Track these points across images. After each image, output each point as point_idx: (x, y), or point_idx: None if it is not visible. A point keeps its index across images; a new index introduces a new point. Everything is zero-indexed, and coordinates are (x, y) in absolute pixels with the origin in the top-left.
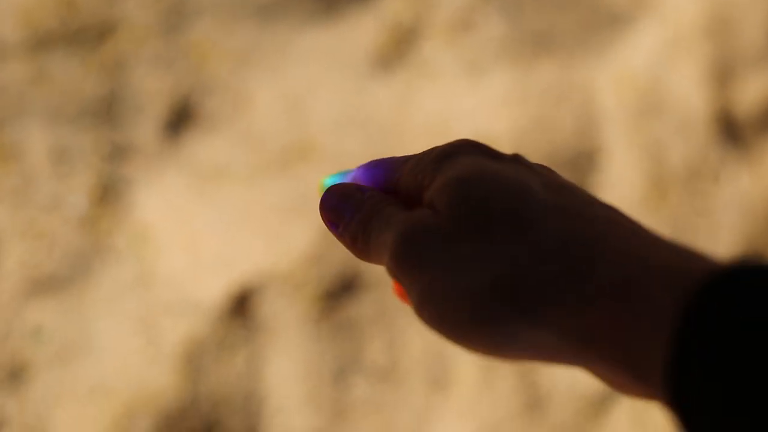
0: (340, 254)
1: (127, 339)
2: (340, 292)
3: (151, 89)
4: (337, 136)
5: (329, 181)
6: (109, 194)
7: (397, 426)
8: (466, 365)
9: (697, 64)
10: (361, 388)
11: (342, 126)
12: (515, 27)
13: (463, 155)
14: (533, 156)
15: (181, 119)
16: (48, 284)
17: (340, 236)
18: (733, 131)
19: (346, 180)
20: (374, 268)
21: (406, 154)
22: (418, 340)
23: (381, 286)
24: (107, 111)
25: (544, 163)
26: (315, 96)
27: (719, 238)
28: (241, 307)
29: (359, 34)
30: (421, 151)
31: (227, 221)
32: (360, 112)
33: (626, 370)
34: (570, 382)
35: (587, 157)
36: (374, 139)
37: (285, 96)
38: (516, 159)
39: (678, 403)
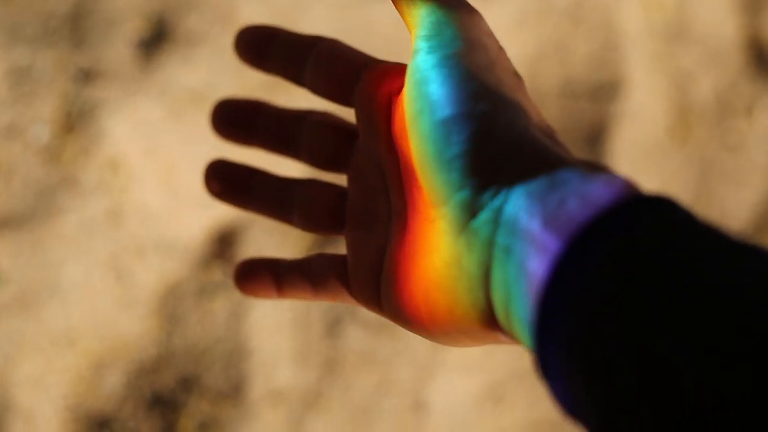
0: None
1: (95, 283)
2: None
3: (123, 4)
4: None
5: None
6: (75, 121)
7: (395, 381)
8: None
9: None
10: (356, 340)
11: None
12: None
13: None
14: (548, 83)
15: (156, 38)
16: (7, 221)
17: None
18: (766, 61)
19: None
20: None
21: None
22: None
23: None
24: (73, 28)
25: (562, 91)
26: (306, 12)
27: (750, 178)
28: (223, 247)
29: None
30: None
31: (208, 152)
32: (357, 33)
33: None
34: None
35: (607, 86)
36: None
37: (272, 12)
38: None
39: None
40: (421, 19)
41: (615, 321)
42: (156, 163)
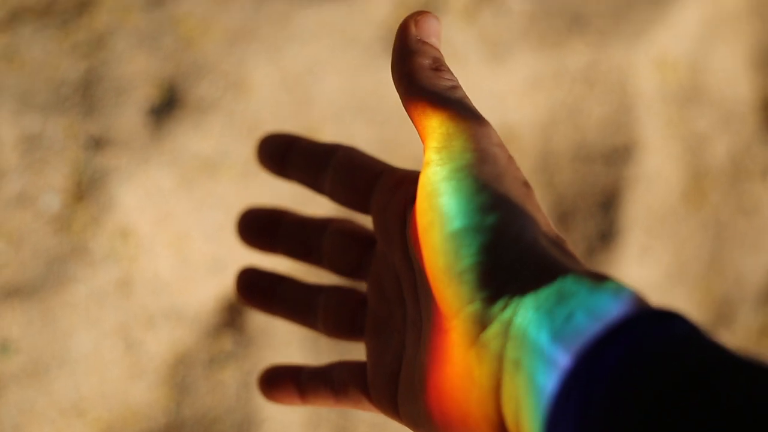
0: None
1: (105, 352)
2: None
3: (134, 70)
4: (343, 123)
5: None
6: (85, 189)
7: None
8: None
9: (742, 47)
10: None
11: (348, 111)
12: (543, 3)
13: None
14: (562, 147)
15: (167, 105)
16: (17, 290)
17: None
18: None
19: None
20: None
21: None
22: None
23: None
24: (84, 95)
25: (575, 155)
26: (318, 78)
27: (765, 241)
28: (233, 316)
29: (369, 10)
30: None
31: (218, 221)
32: (369, 96)
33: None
34: None
35: (621, 150)
36: (384, 127)
37: (284, 78)
38: None
39: None
40: (432, 130)
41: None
42: (166, 232)
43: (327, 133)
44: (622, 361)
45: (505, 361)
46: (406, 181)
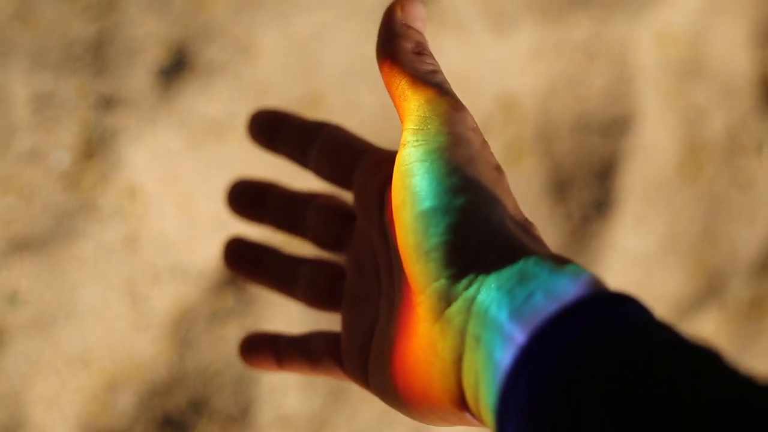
0: None
1: (111, 306)
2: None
3: (144, 33)
4: (348, 88)
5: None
6: (95, 147)
7: (401, 415)
8: None
9: (742, 23)
10: None
11: (354, 77)
12: None
13: None
14: (561, 119)
15: (176, 67)
16: (26, 244)
17: None
18: None
19: None
20: None
21: None
22: None
23: None
24: (95, 55)
25: (574, 125)
26: (325, 44)
27: (759, 215)
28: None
29: None
30: None
31: (224, 182)
32: (374, 64)
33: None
34: None
35: (620, 121)
36: (386, 93)
37: (292, 44)
38: None
39: None
40: (410, 112)
41: (562, 414)
42: (173, 191)
43: (332, 98)
44: (575, 341)
45: (467, 336)
46: (386, 162)
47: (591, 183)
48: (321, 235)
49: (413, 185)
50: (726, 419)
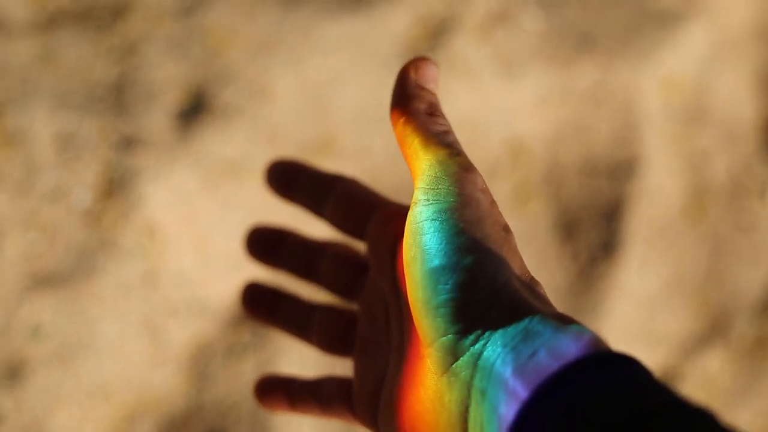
0: None
1: (130, 340)
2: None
3: (164, 76)
4: (360, 132)
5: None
6: (115, 186)
7: None
8: None
9: (747, 69)
10: None
11: (366, 121)
12: (555, 23)
13: None
14: (568, 162)
15: (194, 109)
16: (49, 279)
17: None
18: None
19: None
20: None
21: None
22: None
23: None
24: (116, 97)
25: (581, 169)
26: (338, 88)
27: (762, 257)
28: None
29: (388, 25)
30: None
31: (240, 219)
32: (386, 108)
33: None
34: None
35: (626, 165)
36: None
37: (306, 88)
38: None
39: None
40: (422, 171)
41: None
42: (191, 230)
43: (344, 141)
44: (575, 398)
45: (473, 390)
46: (399, 216)
47: (598, 225)
48: (334, 282)
49: (423, 243)
50: None
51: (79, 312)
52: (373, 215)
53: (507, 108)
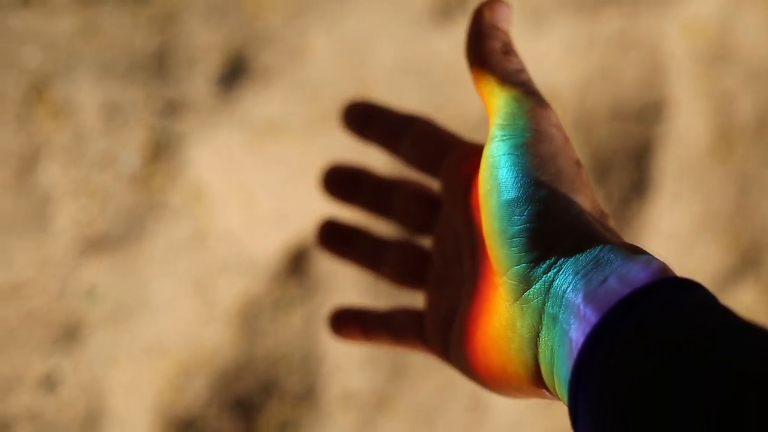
0: None
1: (182, 298)
2: None
3: (204, 42)
4: (395, 86)
5: None
6: (161, 151)
7: (456, 384)
8: None
9: (766, 10)
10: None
11: (401, 76)
12: None
13: None
14: (597, 108)
15: (234, 73)
16: (101, 243)
17: None
18: None
19: None
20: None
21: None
22: None
23: None
24: (158, 65)
25: (610, 114)
26: (373, 46)
27: None
28: (298, 264)
29: None
30: (479, 102)
31: (283, 176)
32: (419, 62)
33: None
34: None
35: (653, 108)
36: (433, 89)
37: (341, 46)
38: None
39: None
40: (498, 108)
41: (629, 387)
42: (235, 188)
43: (382, 96)
44: (644, 319)
45: (545, 315)
46: (473, 154)
47: (628, 167)
48: (408, 218)
49: (500, 176)
50: None
51: (132, 273)
52: (447, 153)
53: (535, 58)
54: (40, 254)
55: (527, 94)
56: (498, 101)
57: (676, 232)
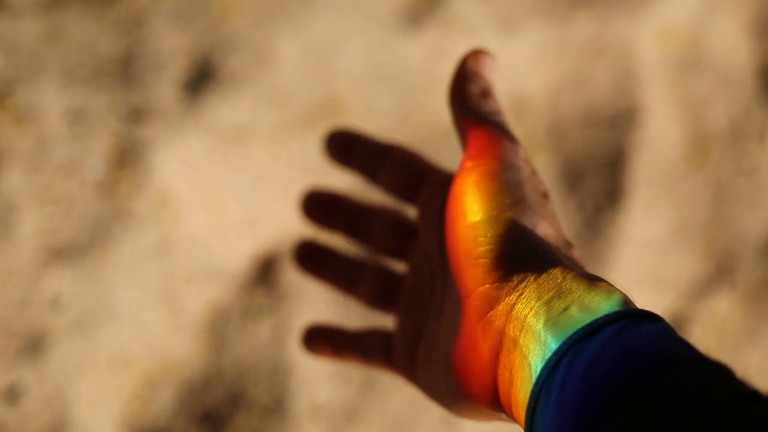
0: None
1: (148, 307)
2: None
3: (170, 47)
4: (364, 93)
5: None
6: (127, 157)
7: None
8: None
9: (740, 16)
10: None
11: (370, 82)
12: None
13: None
14: (570, 114)
15: (201, 78)
16: (66, 251)
17: None
18: None
19: None
20: None
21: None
22: None
23: None
24: (124, 70)
25: (583, 120)
26: (341, 51)
27: (764, 199)
28: (267, 273)
29: None
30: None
31: (250, 183)
32: (389, 68)
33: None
34: None
35: (626, 115)
36: (403, 96)
37: (309, 52)
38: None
39: None
40: (470, 141)
41: (585, 414)
42: (203, 196)
43: (351, 103)
44: (604, 348)
45: (505, 338)
46: (449, 182)
47: (601, 174)
48: (385, 244)
49: (467, 201)
50: (729, 422)
51: (97, 282)
52: (426, 181)
53: (507, 64)
54: (2, 263)
55: (499, 131)
56: (471, 136)
57: (651, 240)
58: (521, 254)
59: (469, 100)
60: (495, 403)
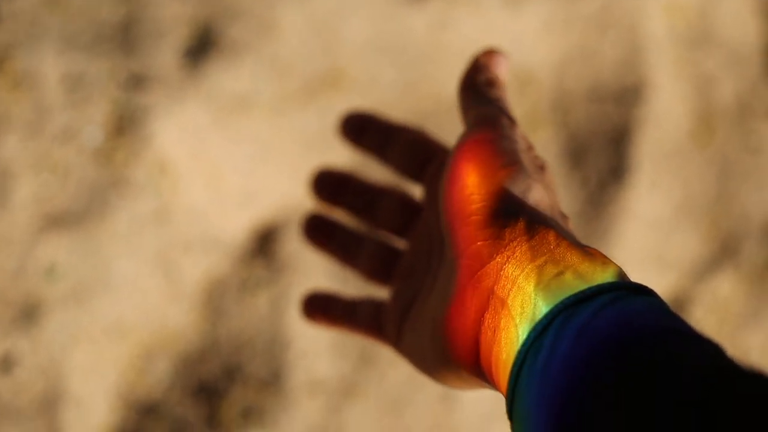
0: None
1: (145, 277)
2: None
3: (171, 14)
4: (368, 64)
5: None
6: (126, 125)
7: None
8: None
9: None
10: None
11: (373, 53)
12: None
13: None
14: (575, 89)
15: (202, 46)
16: (62, 219)
17: None
18: None
19: None
20: None
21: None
22: None
23: None
24: (124, 37)
25: (588, 95)
26: (345, 22)
27: None
28: (265, 245)
29: None
30: (455, 79)
31: (250, 154)
32: (393, 39)
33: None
34: None
35: (632, 90)
36: (407, 68)
37: (313, 22)
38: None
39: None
40: (471, 118)
41: (569, 380)
42: (202, 165)
43: (353, 73)
44: (595, 316)
45: (493, 297)
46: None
47: (606, 150)
48: (390, 222)
49: (462, 165)
50: (717, 393)
51: (94, 251)
52: (432, 160)
53: (513, 37)
54: None
55: (499, 111)
56: (472, 113)
57: (655, 218)
58: (515, 212)
59: (475, 87)
60: (476, 367)
